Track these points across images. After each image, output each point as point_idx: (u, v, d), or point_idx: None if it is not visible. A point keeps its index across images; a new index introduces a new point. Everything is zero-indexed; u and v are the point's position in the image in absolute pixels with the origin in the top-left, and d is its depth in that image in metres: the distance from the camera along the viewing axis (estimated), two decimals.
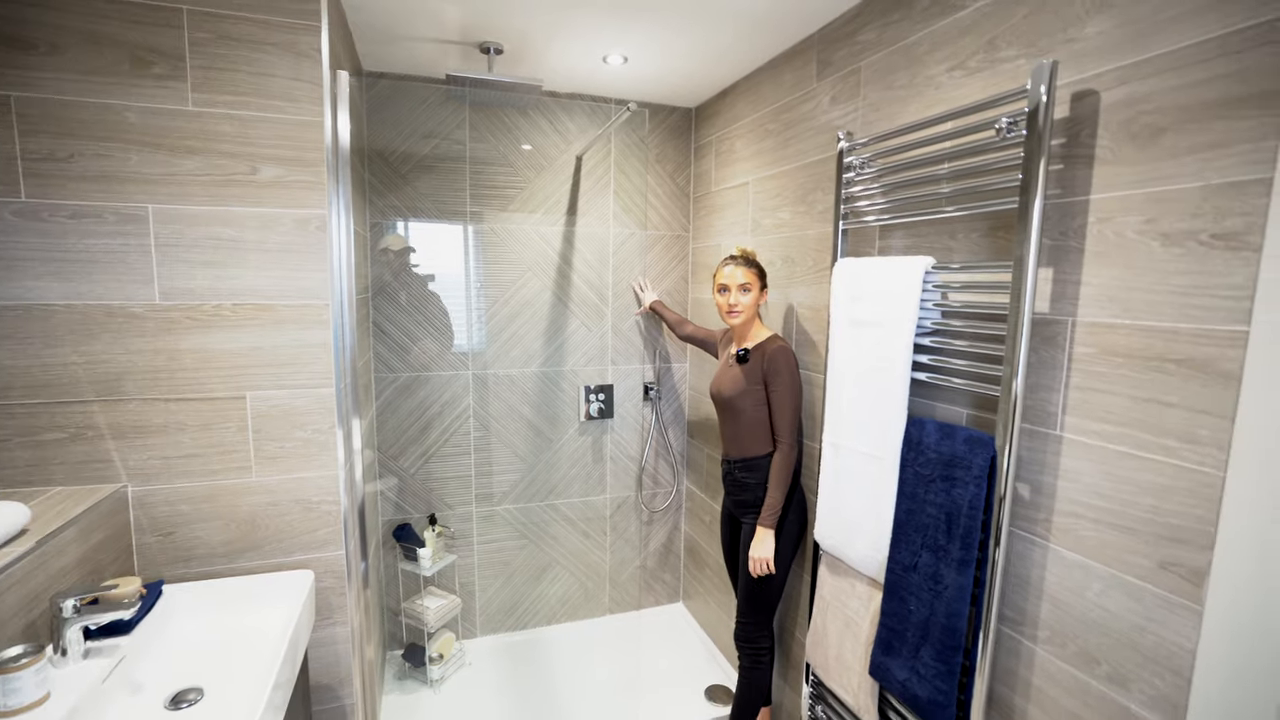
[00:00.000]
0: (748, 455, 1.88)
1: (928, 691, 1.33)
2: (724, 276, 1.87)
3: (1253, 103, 0.88)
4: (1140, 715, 1.04)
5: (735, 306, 1.85)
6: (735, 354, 1.89)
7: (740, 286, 1.84)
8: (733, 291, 1.85)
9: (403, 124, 2.29)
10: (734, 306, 1.85)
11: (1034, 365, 1.19)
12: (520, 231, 2.51)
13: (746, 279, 1.84)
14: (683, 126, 2.69)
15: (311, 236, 1.41)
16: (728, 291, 1.86)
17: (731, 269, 1.86)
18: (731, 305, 1.85)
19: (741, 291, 1.84)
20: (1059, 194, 1.13)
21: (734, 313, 1.85)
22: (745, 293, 1.84)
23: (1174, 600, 0.99)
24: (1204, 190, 0.93)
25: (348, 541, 1.55)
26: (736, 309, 1.85)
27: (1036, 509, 1.20)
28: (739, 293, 1.84)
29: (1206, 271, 0.93)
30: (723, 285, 1.87)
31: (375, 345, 2.36)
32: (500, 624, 2.70)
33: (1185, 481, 0.97)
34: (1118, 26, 1.04)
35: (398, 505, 2.48)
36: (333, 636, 1.56)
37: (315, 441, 1.47)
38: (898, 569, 1.41)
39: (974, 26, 1.31)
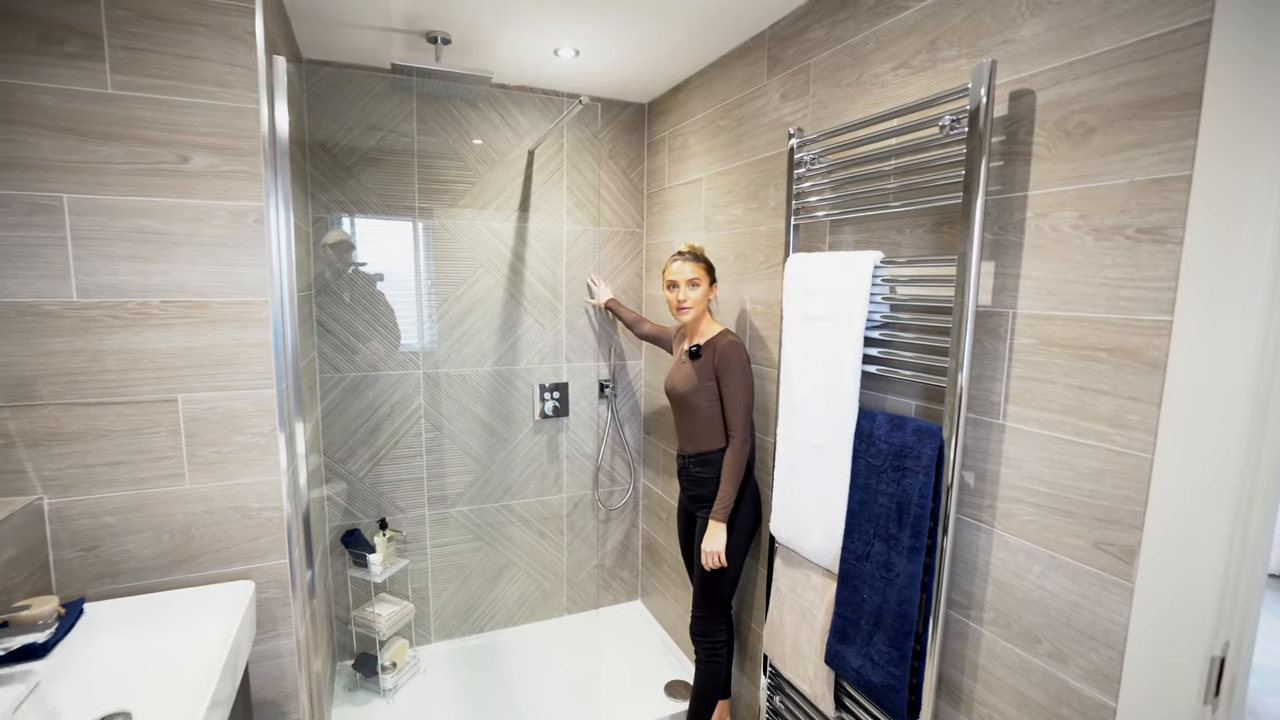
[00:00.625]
0: (702, 450, 1.89)
1: (881, 677, 1.36)
2: (672, 272, 1.88)
3: (1171, 104, 0.93)
4: (1078, 689, 1.09)
5: (684, 302, 1.86)
6: (688, 350, 1.90)
7: (689, 282, 1.85)
8: (681, 287, 1.86)
9: (346, 115, 2.21)
10: (683, 302, 1.86)
11: (978, 356, 1.23)
12: (471, 227, 2.45)
13: (695, 274, 1.85)
14: (636, 122, 2.68)
15: (249, 230, 1.34)
16: (676, 287, 1.87)
17: (680, 264, 1.87)
18: (680, 301, 1.86)
19: (690, 287, 1.85)
20: (999, 190, 1.17)
21: (683, 308, 1.87)
22: (694, 288, 1.85)
23: (1107, 578, 1.04)
24: (1130, 187, 0.98)
25: (292, 549, 1.48)
26: (685, 304, 1.86)
27: (982, 496, 1.24)
28: (688, 288, 1.85)
29: (1134, 264, 0.98)
30: (671, 281, 1.88)
31: (320, 345, 2.27)
32: (456, 628, 2.64)
33: (1117, 465, 1.02)
34: (1050, 29, 1.09)
35: (346, 510, 2.40)
36: (277, 649, 1.49)
37: (255, 445, 1.40)
38: (851, 559, 1.44)
39: (917, 27, 1.35)
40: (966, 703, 1.30)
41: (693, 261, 1.87)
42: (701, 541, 1.86)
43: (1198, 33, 0.90)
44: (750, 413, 1.81)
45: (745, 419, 1.80)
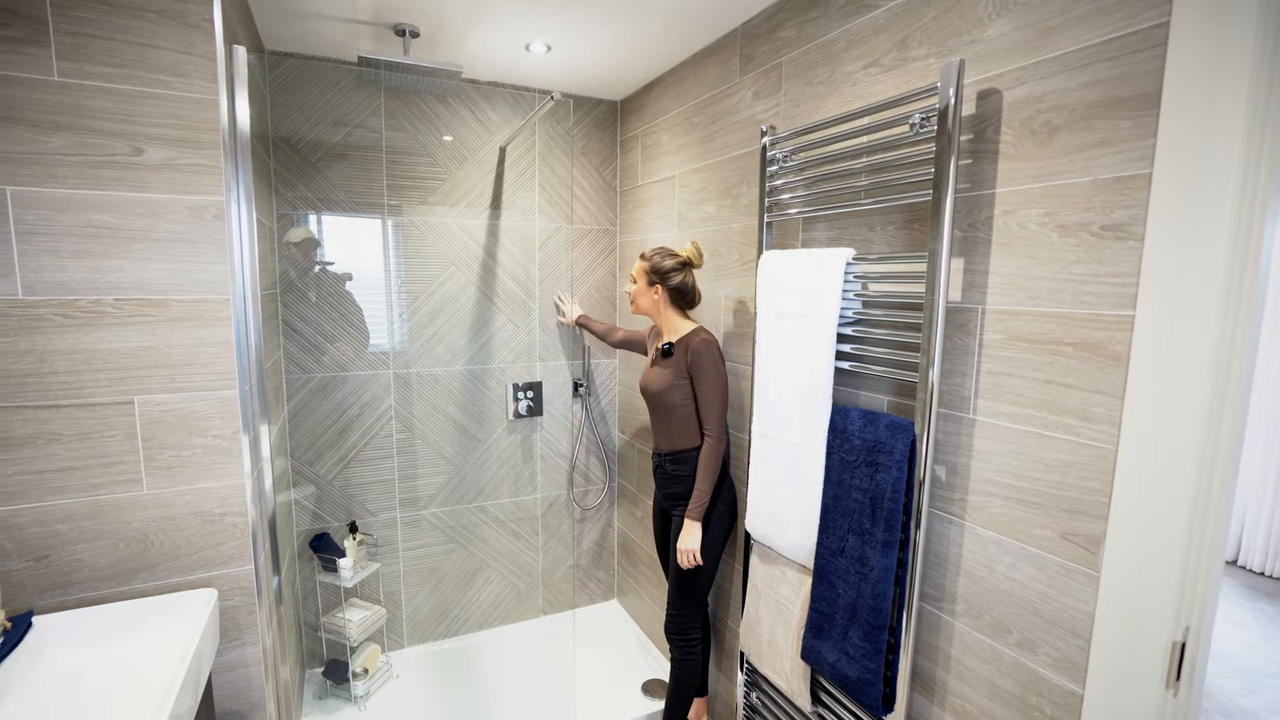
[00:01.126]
0: (677, 448, 1.89)
1: (856, 671, 1.37)
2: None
3: (1131, 104, 0.95)
4: (1046, 677, 1.11)
5: (628, 294, 1.99)
6: (660, 348, 1.90)
7: (631, 278, 1.97)
8: (629, 282, 1.99)
9: (311, 108, 2.15)
10: (629, 294, 1.99)
11: (948, 352, 1.24)
12: (442, 225, 2.41)
13: (634, 272, 1.95)
14: (609, 119, 2.66)
15: (208, 226, 1.30)
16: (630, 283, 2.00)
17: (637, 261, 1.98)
18: (629, 295, 1.99)
19: (630, 282, 1.97)
20: (968, 188, 1.19)
21: (631, 303, 1.99)
22: (632, 284, 1.96)
23: (1074, 568, 1.06)
24: (1093, 185, 1.00)
25: (257, 555, 1.43)
26: (629, 299, 2.00)
27: (953, 490, 1.26)
28: (629, 283, 1.98)
29: (1098, 260, 1.00)
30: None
31: (286, 344, 2.21)
32: (429, 632, 2.60)
33: (1083, 457, 1.04)
34: (1016, 29, 1.11)
35: (315, 514, 2.34)
36: (242, 659, 1.44)
37: (217, 448, 1.36)
38: (826, 554, 1.45)
39: (887, 26, 1.36)
40: (940, 694, 1.32)
41: (640, 259, 1.94)
42: (677, 540, 1.86)
43: (1156, 35, 0.92)
44: (724, 411, 1.81)
45: (719, 417, 1.80)
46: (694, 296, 1.92)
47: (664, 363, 1.88)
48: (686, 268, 1.87)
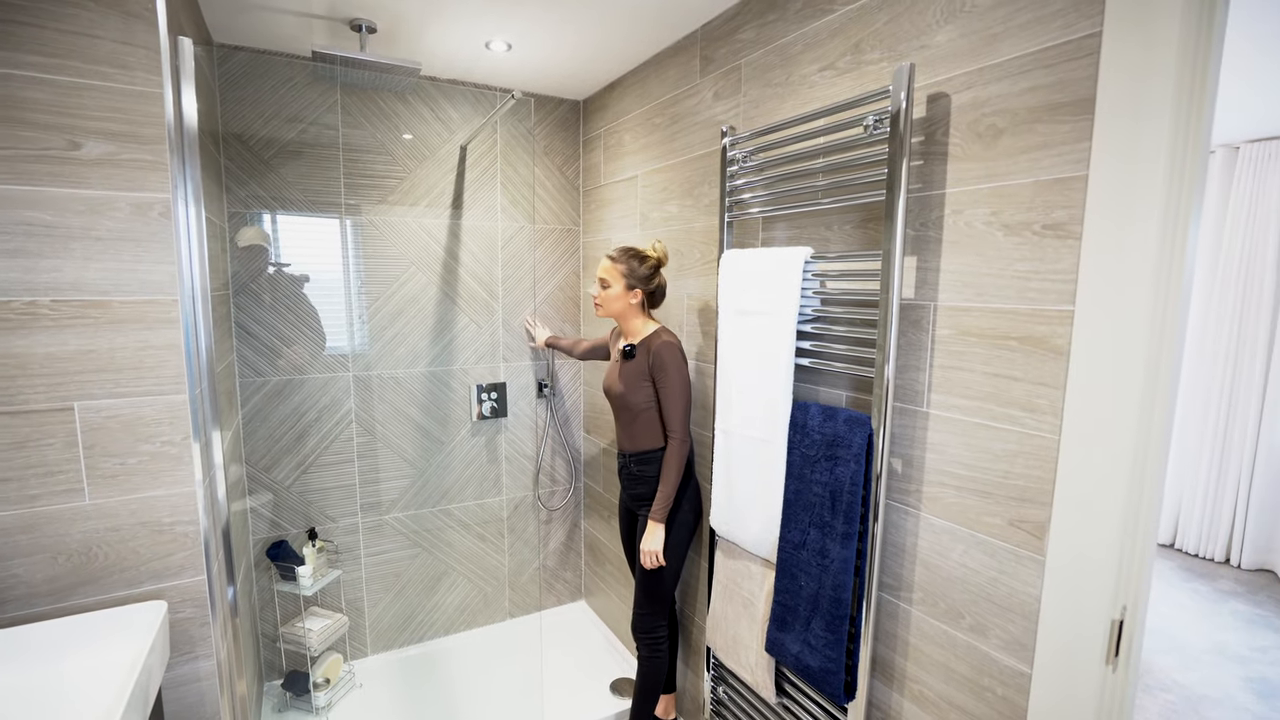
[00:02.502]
0: (641, 449, 1.89)
1: (819, 661, 1.40)
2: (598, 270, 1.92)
3: (1068, 109, 1.00)
4: (997, 658, 1.15)
5: (595, 299, 1.91)
6: (622, 349, 1.88)
7: (599, 281, 1.88)
8: (596, 285, 1.90)
9: (264, 104, 2.09)
10: (595, 299, 1.91)
11: (903, 348, 1.28)
12: (402, 224, 2.37)
13: (605, 275, 1.86)
14: (571, 119, 2.66)
15: (154, 224, 1.25)
16: (595, 284, 1.92)
17: (602, 261, 1.90)
18: (595, 299, 1.91)
19: (600, 286, 1.88)
20: (920, 188, 1.23)
21: (596, 306, 1.91)
22: (603, 287, 1.87)
23: (1022, 553, 1.10)
24: (1035, 186, 1.05)
25: (210, 565, 1.39)
26: (596, 302, 1.91)
27: (909, 481, 1.30)
28: (598, 287, 1.89)
29: (1040, 258, 1.05)
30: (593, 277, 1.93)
31: (239, 347, 2.14)
32: (394, 639, 2.55)
33: (1029, 446, 1.08)
34: (962, 36, 1.15)
35: (273, 522, 2.27)
36: (195, 673, 1.39)
37: (166, 455, 1.31)
38: (788, 547, 1.47)
39: (842, 30, 1.39)
40: (899, 680, 1.35)
41: (610, 261, 1.86)
42: (641, 541, 1.87)
43: (1089, 44, 0.97)
44: (688, 412, 1.81)
45: (683, 418, 1.79)
46: (662, 297, 1.93)
47: (626, 364, 1.87)
48: (659, 269, 1.87)
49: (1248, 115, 2.95)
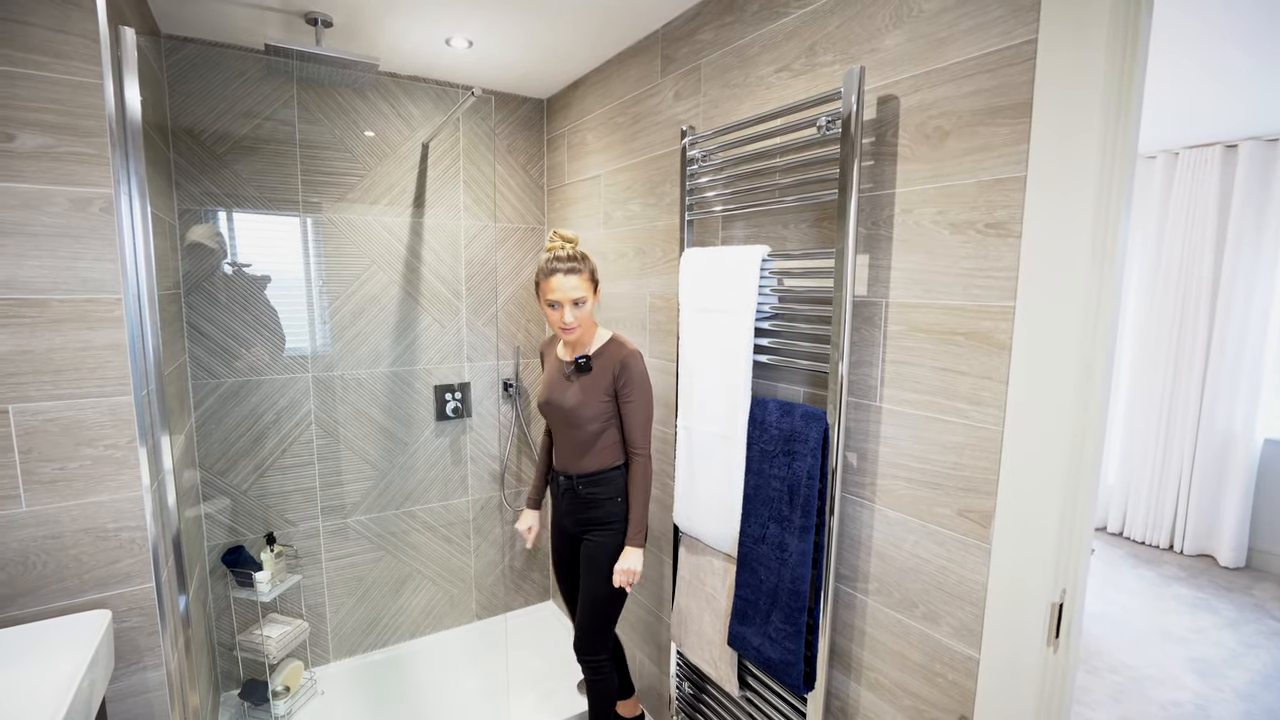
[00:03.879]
0: (593, 470, 1.72)
1: (779, 653, 1.42)
2: (553, 291, 1.60)
3: (1008, 112, 1.04)
4: (948, 644, 1.19)
5: (569, 327, 1.61)
6: (574, 362, 1.69)
7: (573, 302, 1.60)
8: (565, 309, 1.60)
9: (215, 98, 2.03)
10: (568, 327, 1.62)
11: (856, 344, 1.31)
12: (362, 222, 2.33)
13: (581, 291, 1.60)
14: (534, 118, 2.65)
15: (95, 220, 1.21)
16: (559, 308, 1.61)
17: (561, 280, 1.59)
18: (566, 325, 1.61)
19: (575, 307, 1.61)
20: (871, 188, 1.26)
21: (569, 330, 1.62)
22: (579, 307, 1.61)
23: (970, 542, 1.14)
24: (978, 186, 1.08)
25: (159, 572, 1.35)
26: (571, 328, 1.62)
27: (863, 475, 1.33)
28: (572, 309, 1.60)
29: (984, 256, 1.08)
30: (552, 301, 1.61)
31: (192, 348, 2.08)
32: (357, 644, 2.51)
33: (975, 438, 1.12)
34: (909, 40, 1.18)
35: (230, 528, 2.21)
36: (143, 684, 1.35)
37: (110, 459, 1.26)
38: (749, 542, 1.49)
39: (796, 33, 1.42)
40: (856, 669, 1.38)
41: (576, 274, 1.60)
42: (593, 565, 1.74)
43: (1027, 50, 1.01)
44: (651, 425, 1.74)
45: (649, 434, 1.70)
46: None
47: (581, 378, 1.68)
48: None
49: (1185, 123, 3.08)
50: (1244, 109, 2.88)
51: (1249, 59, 2.26)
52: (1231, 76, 2.47)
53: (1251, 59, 2.26)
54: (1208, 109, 2.88)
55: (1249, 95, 2.67)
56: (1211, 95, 2.68)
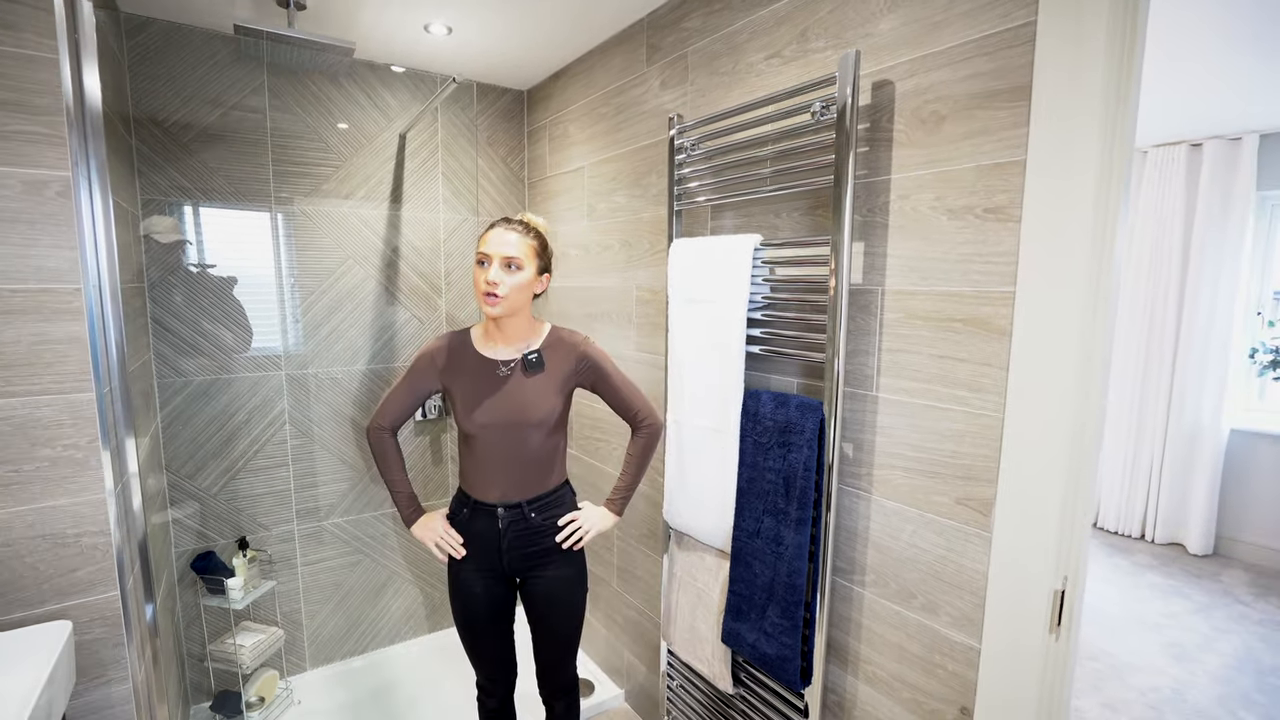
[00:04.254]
0: (544, 491, 1.47)
1: (775, 648, 1.40)
2: (485, 243, 1.35)
3: (1006, 96, 1.03)
4: (947, 635, 1.18)
5: (494, 288, 1.31)
6: (526, 359, 1.42)
7: (505, 260, 1.33)
8: (494, 265, 1.33)
9: (181, 83, 1.94)
10: (492, 288, 1.31)
11: (852, 333, 1.29)
12: (337, 214, 2.26)
13: (517, 251, 1.34)
14: (515, 109, 2.59)
15: (50, 204, 1.13)
16: (487, 264, 1.33)
17: (498, 233, 1.34)
18: (490, 285, 1.31)
19: (506, 269, 1.33)
20: (866, 174, 1.24)
21: (491, 298, 1.32)
22: (512, 271, 1.34)
23: (969, 531, 1.13)
24: (977, 170, 1.07)
25: (124, 581, 1.27)
26: (494, 292, 1.32)
27: (860, 465, 1.31)
28: (502, 269, 1.33)
29: (982, 241, 1.07)
30: (481, 256, 1.35)
31: (157, 345, 1.99)
32: (335, 651, 2.43)
33: (974, 426, 1.11)
34: (905, 24, 1.16)
35: (200, 533, 2.12)
36: (108, 698, 1.27)
37: (69, 460, 1.19)
38: (743, 536, 1.47)
39: (788, 18, 1.40)
40: (853, 663, 1.37)
41: (520, 233, 1.36)
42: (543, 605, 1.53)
43: (1025, 32, 1.00)
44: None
45: (645, 396, 1.54)
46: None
47: (531, 378, 1.42)
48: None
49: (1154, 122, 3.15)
50: (1208, 109, 2.95)
51: (1214, 60, 2.31)
52: (1197, 77, 2.52)
53: (1216, 60, 2.32)
54: (1176, 108, 2.94)
55: (1213, 95, 2.74)
56: (1178, 94, 2.74)
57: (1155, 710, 2.22)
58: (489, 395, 1.42)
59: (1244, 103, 2.86)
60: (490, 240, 1.35)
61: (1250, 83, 2.59)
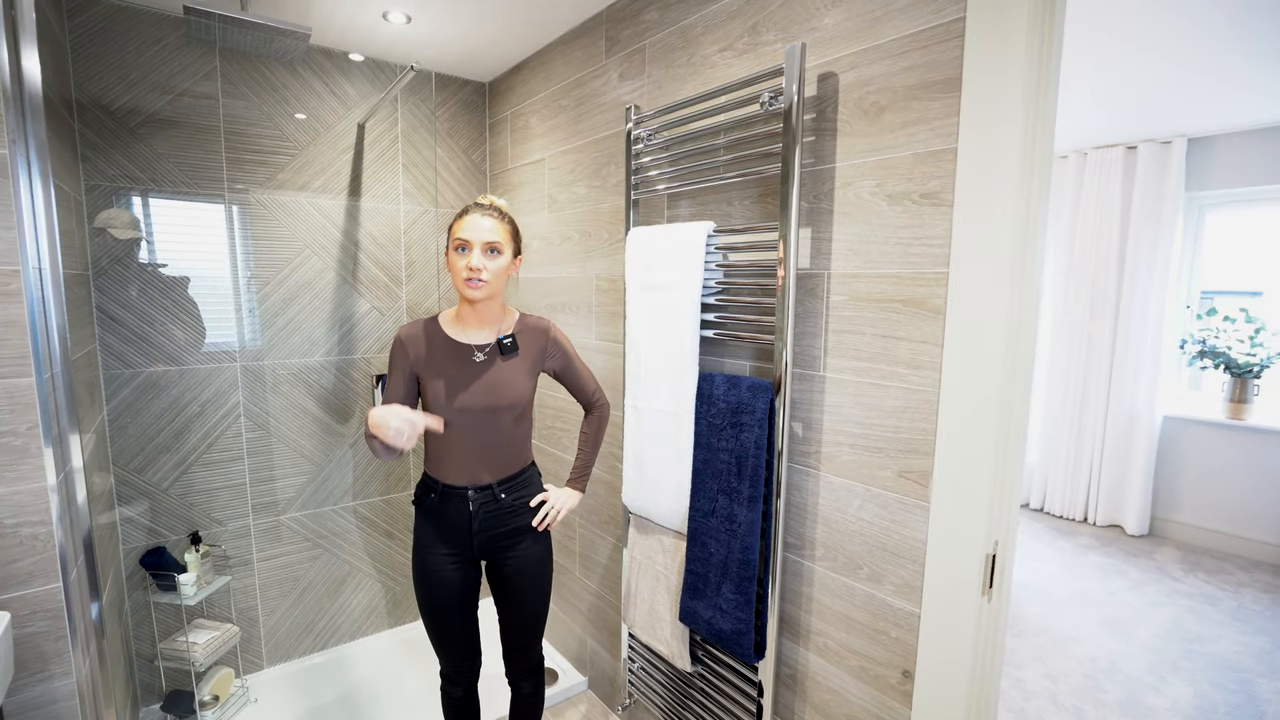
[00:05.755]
0: (520, 469, 1.53)
1: (730, 624, 1.44)
2: (465, 229, 1.37)
3: (939, 87, 1.09)
4: (891, 602, 1.23)
5: (479, 274, 1.36)
6: (500, 343, 1.46)
7: (488, 246, 1.37)
8: (476, 251, 1.36)
9: (127, 66, 1.89)
10: (477, 273, 1.36)
11: (800, 315, 1.34)
12: (294, 204, 2.22)
13: (499, 236, 1.38)
14: (476, 101, 2.59)
15: None
16: (468, 251, 1.37)
17: (477, 218, 1.37)
18: (475, 272, 1.36)
19: (488, 254, 1.38)
20: (812, 162, 1.29)
21: (475, 283, 1.36)
22: (494, 256, 1.38)
23: (910, 502, 1.19)
24: (914, 158, 1.13)
25: (67, 573, 1.24)
26: (479, 279, 1.36)
27: (809, 443, 1.36)
28: (484, 255, 1.37)
29: (919, 225, 1.13)
30: (461, 242, 1.37)
31: (103, 335, 1.93)
32: (294, 649, 2.39)
33: (914, 401, 1.16)
34: (847, 19, 1.22)
35: (149, 529, 2.06)
36: (50, 694, 1.24)
37: (7, 447, 1.16)
38: (698, 516, 1.51)
39: (740, 12, 1.44)
40: (804, 635, 1.42)
41: (496, 218, 1.40)
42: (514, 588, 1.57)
43: (956, 28, 1.06)
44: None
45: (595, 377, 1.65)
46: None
47: (506, 363, 1.47)
48: None
49: (1093, 125, 3.32)
50: (1142, 113, 3.12)
51: (1146, 66, 2.45)
52: (1129, 86, 2.67)
53: (1148, 67, 2.45)
54: (1113, 112, 3.10)
55: (1146, 101, 2.90)
56: (1114, 99, 2.89)
57: (1092, 679, 2.34)
58: (466, 380, 1.44)
59: (1173, 108, 3.03)
60: (469, 226, 1.37)
61: (1178, 89, 2.75)
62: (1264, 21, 2.08)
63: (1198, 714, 2.16)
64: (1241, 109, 3.02)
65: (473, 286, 1.37)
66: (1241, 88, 2.70)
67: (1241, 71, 2.51)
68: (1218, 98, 2.83)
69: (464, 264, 1.37)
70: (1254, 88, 2.70)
